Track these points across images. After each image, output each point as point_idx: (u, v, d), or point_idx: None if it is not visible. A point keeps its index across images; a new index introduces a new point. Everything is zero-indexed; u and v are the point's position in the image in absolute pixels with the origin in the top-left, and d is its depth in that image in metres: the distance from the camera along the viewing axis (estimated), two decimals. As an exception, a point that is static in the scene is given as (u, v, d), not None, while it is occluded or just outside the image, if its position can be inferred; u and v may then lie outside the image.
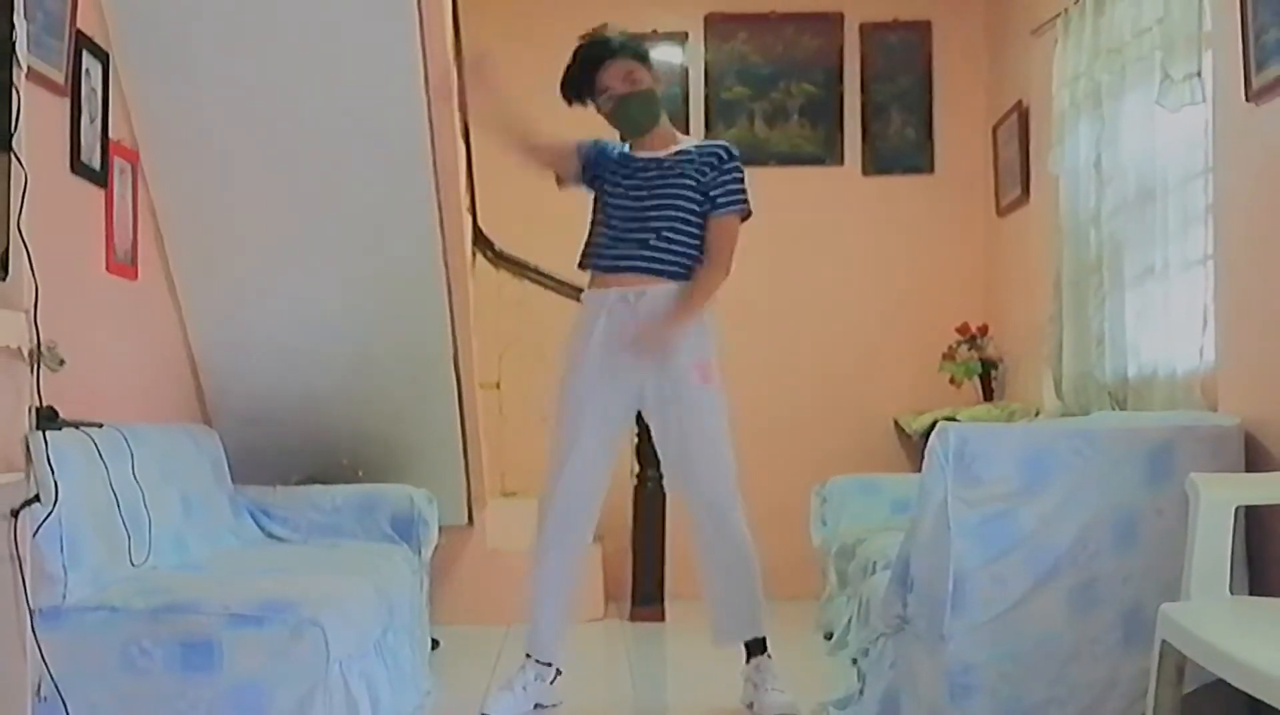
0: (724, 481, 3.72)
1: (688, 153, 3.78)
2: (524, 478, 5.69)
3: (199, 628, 2.80)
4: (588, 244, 3.83)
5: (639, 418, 3.96)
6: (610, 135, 3.92)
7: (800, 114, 6.23)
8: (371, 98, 3.98)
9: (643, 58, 3.81)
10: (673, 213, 3.71)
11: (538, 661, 3.76)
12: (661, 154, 3.78)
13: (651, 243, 3.70)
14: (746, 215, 3.79)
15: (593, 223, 3.85)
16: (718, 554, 3.73)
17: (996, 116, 5.95)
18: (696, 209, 3.73)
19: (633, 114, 3.78)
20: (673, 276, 3.70)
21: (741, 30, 6.19)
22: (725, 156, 3.76)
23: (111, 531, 3.10)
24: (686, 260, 3.72)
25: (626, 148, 3.86)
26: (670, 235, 3.70)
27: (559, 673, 3.80)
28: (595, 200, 3.85)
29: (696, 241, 3.73)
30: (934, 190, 6.23)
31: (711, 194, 3.73)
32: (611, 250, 3.74)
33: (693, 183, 3.72)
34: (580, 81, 3.80)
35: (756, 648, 3.75)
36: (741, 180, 3.77)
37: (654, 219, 3.71)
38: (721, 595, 3.75)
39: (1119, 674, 2.98)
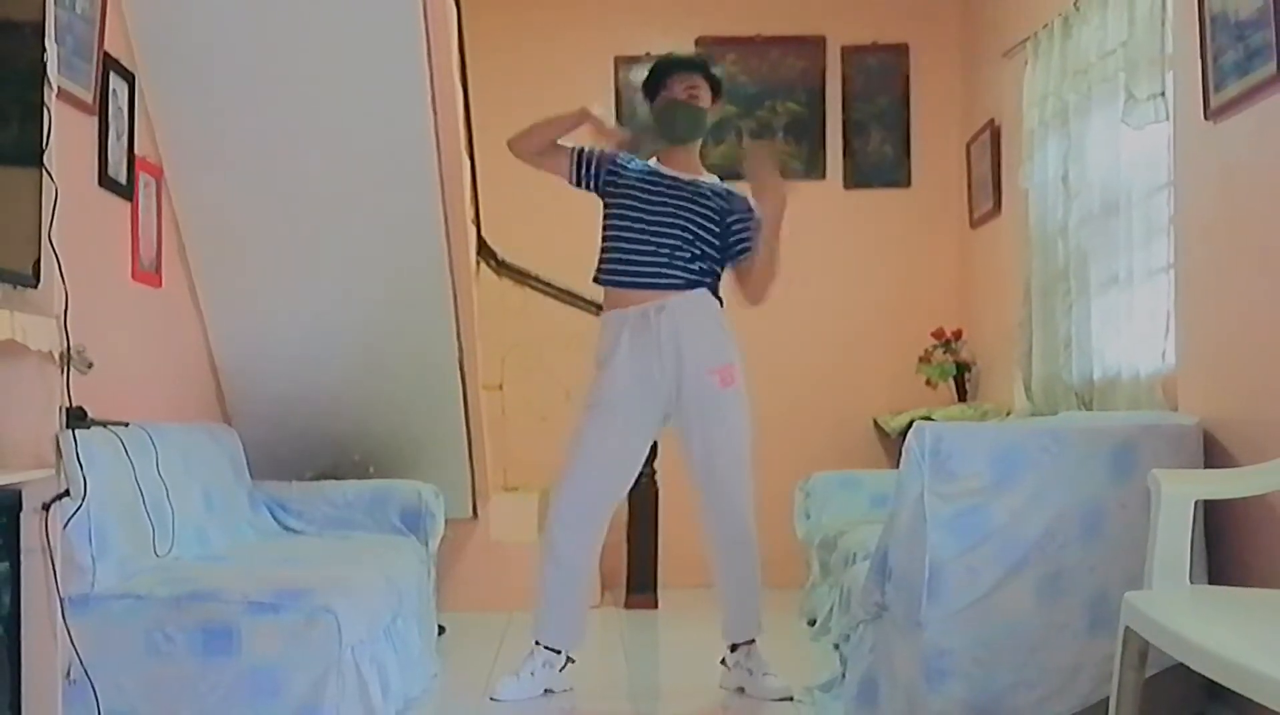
0: (741, 488, 3.68)
1: (710, 184, 3.72)
2: (525, 473, 5.70)
3: (219, 615, 2.81)
4: (603, 258, 3.72)
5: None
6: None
7: (785, 131, 6.23)
8: (382, 117, 3.98)
9: (712, 81, 3.72)
10: (693, 231, 3.64)
11: (546, 648, 3.72)
12: (684, 176, 3.71)
13: (668, 257, 3.63)
14: None
15: (607, 236, 3.73)
16: (732, 559, 3.71)
17: (970, 134, 5.96)
18: (714, 233, 3.67)
19: (677, 121, 3.68)
20: (686, 287, 3.64)
21: (730, 52, 6.18)
22: (749, 208, 3.70)
23: (137, 524, 3.10)
24: (697, 274, 3.66)
25: (653, 162, 3.76)
26: (689, 250, 3.64)
27: (570, 660, 3.76)
28: (608, 213, 3.74)
29: (708, 262, 3.67)
30: (911, 203, 6.23)
31: (734, 231, 3.68)
32: (628, 266, 3.65)
33: (714, 209, 3.68)
34: (652, 86, 3.72)
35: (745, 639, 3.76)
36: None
37: (672, 235, 3.63)
38: (733, 598, 3.74)
39: (1085, 659, 2.98)
